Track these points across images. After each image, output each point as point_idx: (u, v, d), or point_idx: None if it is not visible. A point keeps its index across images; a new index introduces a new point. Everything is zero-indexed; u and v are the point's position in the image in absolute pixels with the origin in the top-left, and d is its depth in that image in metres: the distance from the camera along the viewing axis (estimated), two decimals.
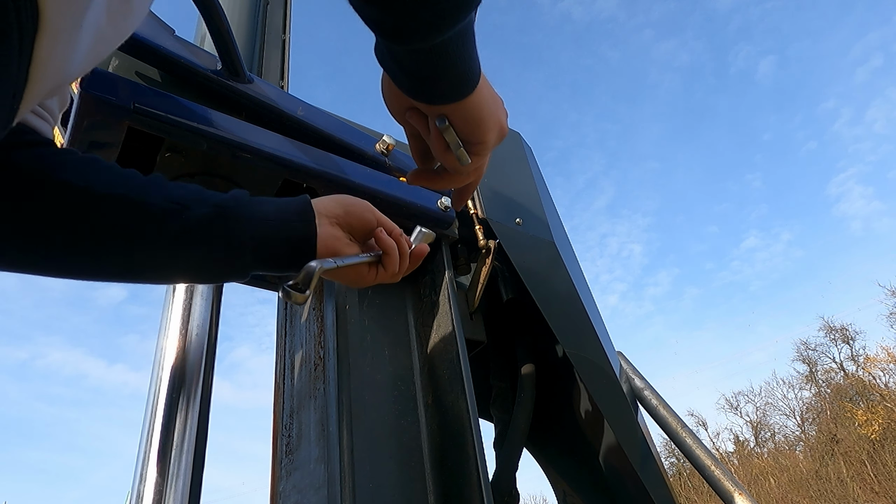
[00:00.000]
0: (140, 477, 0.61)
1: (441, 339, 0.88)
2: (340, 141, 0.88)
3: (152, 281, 0.56)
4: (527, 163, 1.25)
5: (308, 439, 0.76)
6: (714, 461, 1.05)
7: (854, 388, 22.08)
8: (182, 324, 0.72)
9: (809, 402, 24.22)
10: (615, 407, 1.03)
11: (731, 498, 1.00)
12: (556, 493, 1.25)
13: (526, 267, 1.00)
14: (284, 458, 0.80)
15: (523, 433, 0.98)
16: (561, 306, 1.04)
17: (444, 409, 0.82)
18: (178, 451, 0.63)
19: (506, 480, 0.95)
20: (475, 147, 0.52)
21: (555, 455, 1.22)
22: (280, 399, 0.86)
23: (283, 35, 1.23)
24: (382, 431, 0.77)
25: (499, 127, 0.54)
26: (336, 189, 0.82)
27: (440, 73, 0.46)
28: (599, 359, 1.05)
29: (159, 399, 0.66)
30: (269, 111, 0.81)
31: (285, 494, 0.76)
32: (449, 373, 0.83)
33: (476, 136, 0.52)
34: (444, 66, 0.46)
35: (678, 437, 1.10)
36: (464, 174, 0.56)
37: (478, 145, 0.52)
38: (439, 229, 0.95)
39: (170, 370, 0.68)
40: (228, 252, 0.54)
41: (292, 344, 0.89)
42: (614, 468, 1.07)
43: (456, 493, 0.74)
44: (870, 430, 19.85)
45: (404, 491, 0.74)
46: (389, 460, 0.75)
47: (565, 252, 1.15)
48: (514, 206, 1.10)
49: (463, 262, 1.03)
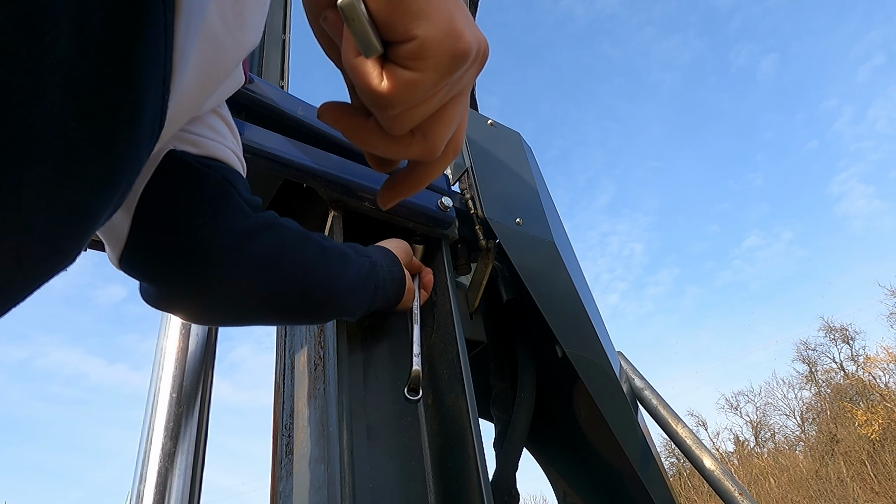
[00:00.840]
0: (140, 477, 0.61)
1: (441, 339, 0.88)
2: (340, 141, 0.88)
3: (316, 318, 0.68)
4: (527, 163, 1.25)
5: (308, 439, 0.76)
6: (714, 461, 1.05)
7: (854, 388, 22.08)
8: (182, 324, 0.72)
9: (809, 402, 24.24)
10: (615, 407, 1.03)
11: (731, 498, 1.00)
12: (556, 493, 1.25)
13: (526, 267, 1.00)
14: (284, 458, 0.80)
15: (523, 433, 0.98)
16: (561, 306, 1.04)
17: (444, 409, 0.82)
18: (178, 451, 0.63)
19: (506, 480, 0.95)
20: (403, 49, 0.30)
21: (555, 455, 1.22)
22: (280, 399, 0.86)
23: (283, 35, 1.23)
24: (382, 431, 0.77)
25: (445, 22, 0.31)
26: (336, 189, 0.82)
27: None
28: (599, 359, 1.05)
29: (159, 399, 0.66)
30: (269, 111, 0.81)
31: (285, 494, 0.76)
32: (449, 373, 0.83)
33: (398, 21, 0.30)
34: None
35: (678, 437, 1.10)
36: (394, 128, 0.34)
37: (407, 44, 0.30)
38: (439, 229, 0.95)
39: (170, 370, 0.68)
40: (376, 292, 0.71)
41: (292, 344, 0.89)
42: (614, 468, 1.07)
43: (456, 493, 0.74)
44: (870, 430, 19.85)
45: (404, 491, 0.74)
46: (389, 460, 0.75)
47: (565, 252, 1.15)
48: (514, 206, 1.10)
49: (463, 262, 1.03)
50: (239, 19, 0.37)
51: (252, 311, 0.60)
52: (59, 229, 0.25)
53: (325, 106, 0.37)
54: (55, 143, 0.22)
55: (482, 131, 1.20)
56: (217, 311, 0.58)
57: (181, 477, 0.61)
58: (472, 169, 1.08)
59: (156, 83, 0.28)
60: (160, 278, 0.52)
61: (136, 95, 0.26)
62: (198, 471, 0.63)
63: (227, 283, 0.53)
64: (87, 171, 0.25)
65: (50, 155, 0.22)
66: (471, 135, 1.16)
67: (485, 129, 1.22)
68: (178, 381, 0.67)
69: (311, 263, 0.61)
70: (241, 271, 0.54)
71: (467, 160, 1.10)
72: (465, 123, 0.39)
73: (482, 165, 1.11)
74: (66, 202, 0.24)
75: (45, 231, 0.24)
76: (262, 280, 0.56)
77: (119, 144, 0.26)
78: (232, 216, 0.52)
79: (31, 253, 0.24)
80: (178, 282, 0.52)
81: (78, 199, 0.25)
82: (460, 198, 1.05)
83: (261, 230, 0.55)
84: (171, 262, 0.50)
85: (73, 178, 0.24)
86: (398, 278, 0.77)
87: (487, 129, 1.23)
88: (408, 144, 0.36)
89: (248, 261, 0.54)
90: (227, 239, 0.51)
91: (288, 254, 0.58)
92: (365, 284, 0.69)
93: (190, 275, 0.51)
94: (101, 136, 0.24)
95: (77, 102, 0.23)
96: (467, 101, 0.38)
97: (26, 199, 0.22)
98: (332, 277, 0.64)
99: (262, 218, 0.56)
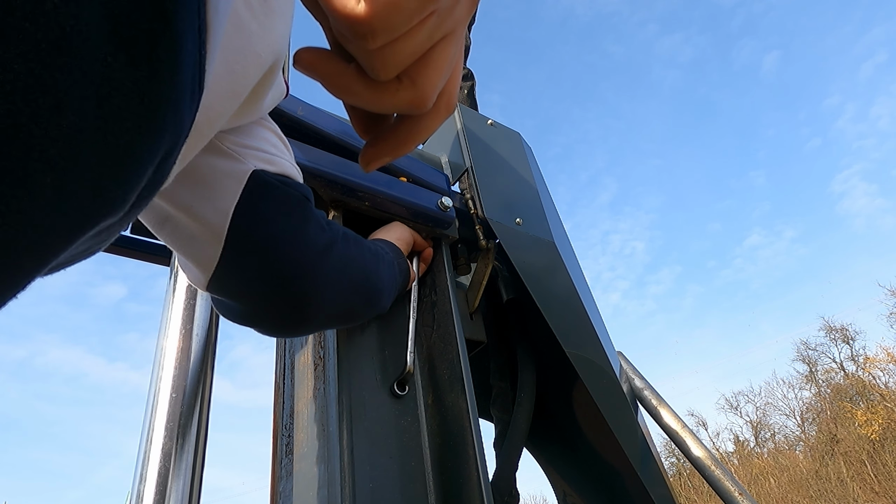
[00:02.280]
0: (140, 477, 0.61)
1: (441, 339, 0.88)
2: (340, 141, 0.88)
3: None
4: (527, 163, 1.25)
5: (308, 439, 0.76)
6: (714, 461, 1.05)
7: (854, 388, 22.08)
8: (182, 323, 0.72)
9: (809, 402, 24.23)
10: (615, 407, 1.03)
11: (731, 498, 1.00)
12: (556, 493, 1.25)
13: (526, 267, 1.00)
14: (284, 458, 0.80)
15: (523, 433, 0.98)
16: (561, 306, 1.04)
17: (444, 409, 0.82)
18: (178, 451, 0.63)
19: (506, 480, 0.95)
20: None
21: (555, 455, 1.22)
22: (280, 399, 0.86)
23: None
24: (382, 431, 0.77)
25: None
26: (336, 189, 0.82)
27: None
28: (599, 359, 1.05)
29: (159, 399, 0.66)
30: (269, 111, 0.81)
31: (285, 494, 0.76)
32: (449, 373, 0.83)
33: None
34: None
35: (678, 437, 1.10)
36: (378, 67, 0.30)
37: None
38: (439, 229, 0.95)
39: (170, 370, 0.68)
40: (395, 283, 0.76)
41: (292, 344, 0.89)
42: (614, 468, 1.07)
43: (456, 492, 0.74)
44: (870, 430, 19.85)
45: (404, 491, 0.74)
46: (389, 460, 0.75)
47: (565, 252, 1.15)
48: (514, 206, 1.10)
49: (463, 262, 1.03)
50: (264, 5, 0.37)
51: (328, 319, 0.63)
52: (102, 166, 0.23)
53: (301, 51, 0.32)
54: (95, 66, 0.21)
55: (482, 131, 1.20)
56: (302, 323, 0.59)
57: (181, 477, 0.61)
58: (472, 169, 1.08)
59: (192, 30, 0.26)
60: (251, 297, 0.53)
61: (173, 33, 0.24)
62: (198, 471, 0.63)
63: (315, 297, 0.55)
64: (128, 107, 0.23)
65: (91, 77, 0.21)
66: (471, 135, 1.16)
67: (485, 129, 1.22)
68: (178, 381, 0.67)
69: (368, 267, 0.65)
70: (324, 284, 0.56)
71: (467, 160, 1.10)
72: (459, 74, 0.35)
73: (482, 165, 1.11)
74: (109, 137, 0.22)
75: (88, 165, 0.22)
76: (338, 289, 0.59)
77: (159, 83, 0.24)
78: (314, 232, 0.53)
79: (73, 187, 0.22)
80: (268, 299, 0.53)
81: (120, 137, 0.23)
82: (460, 198, 1.05)
83: (335, 242, 0.57)
84: (264, 281, 0.50)
85: (114, 110, 0.22)
86: (405, 269, 0.82)
87: (487, 129, 1.23)
88: (394, 91, 0.31)
89: (329, 272, 0.56)
90: (310, 254, 0.53)
91: (354, 261, 0.61)
92: (394, 278, 0.74)
93: (281, 292, 0.52)
94: (139, 67, 0.23)
95: (112, 23, 0.21)
96: (460, 45, 0.33)
97: (69, 122, 0.20)
98: (378, 277, 0.68)
99: (334, 230, 0.58)
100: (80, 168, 0.22)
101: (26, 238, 0.21)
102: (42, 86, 0.19)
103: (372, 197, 0.85)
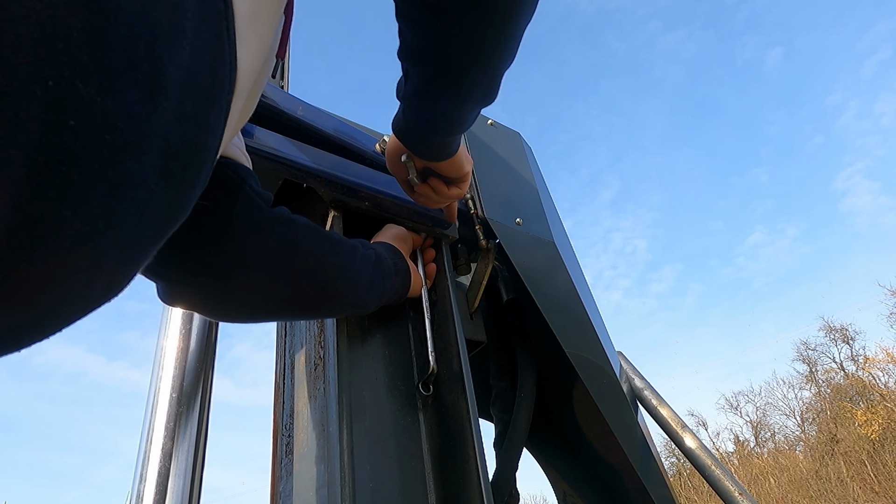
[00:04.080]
0: (140, 477, 0.61)
1: (441, 339, 0.88)
2: (340, 141, 0.88)
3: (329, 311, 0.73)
4: (527, 163, 1.25)
5: (308, 439, 0.76)
6: (714, 461, 1.05)
7: (854, 389, 22.08)
8: (182, 323, 0.72)
9: (809, 402, 24.23)
10: (615, 407, 1.03)
11: (731, 498, 1.00)
12: (556, 493, 1.25)
13: (526, 267, 1.00)
14: (284, 458, 0.80)
15: (523, 433, 0.98)
16: (561, 306, 1.04)
17: (444, 409, 0.82)
18: (178, 451, 0.63)
19: (506, 480, 0.95)
20: (461, 179, 0.78)
21: (555, 455, 1.22)
22: (280, 399, 0.86)
23: None
24: (382, 431, 0.77)
25: (465, 165, 0.77)
26: (336, 189, 0.82)
27: (447, 145, 0.70)
28: (599, 359, 1.05)
29: (159, 398, 0.66)
30: (269, 111, 0.81)
31: (285, 494, 0.76)
32: (449, 373, 0.83)
33: (461, 171, 0.76)
34: (451, 144, 0.71)
35: (678, 437, 1.10)
36: (433, 200, 0.80)
37: (462, 176, 0.78)
38: (439, 229, 0.95)
39: (170, 370, 0.68)
40: (384, 283, 0.75)
41: (292, 344, 0.89)
42: (614, 468, 1.07)
43: (456, 493, 0.74)
44: (870, 430, 19.85)
45: (404, 491, 0.74)
46: (389, 460, 0.75)
47: (565, 252, 1.15)
48: (514, 206, 1.10)
49: (463, 262, 1.03)
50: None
51: (268, 303, 0.61)
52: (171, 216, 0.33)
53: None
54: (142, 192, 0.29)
55: (483, 131, 1.20)
56: (233, 304, 0.59)
57: (181, 477, 0.61)
58: (473, 169, 1.08)
59: (222, 76, 0.32)
60: (177, 275, 0.53)
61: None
62: (198, 471, 0.63)
63: (243, 276, 0.55)
64: (173, 202, 0.33)
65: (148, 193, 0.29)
66: (471, 135, 1.16)
67: (485, 129, 1.22)
68: (178, 380, 0.67)
69: (327, 255, 0.63)
70: (257, 263, 0.55)
71: None
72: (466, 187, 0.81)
73: (482, 165, 1.11)
74: (172, 206, 0.33)
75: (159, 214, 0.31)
76: (280, 272, 0.58)
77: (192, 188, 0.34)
78: (246, 211, 0.53)
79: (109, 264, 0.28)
80: (194, 278, 0.53)
81: (178, 204, 0.33)
82: None
83: (275, 223, 0.57)
84: (188, 258, 0.51)
85: (168, 205, 0.32)
86: (403, 270, 0.81)
87: (487, 129, 1.23)
88: (439, 201, 0.80)
89: (264, 252, 0.56)
90: (241, 232, 0.53)
91: (304, 246, 0.60)
92: (374, 275, 0.72)
93: (206, 270, 0.52)
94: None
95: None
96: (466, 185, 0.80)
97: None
98: (345, 269, 0.66)
99: (276, 212, 0.58)
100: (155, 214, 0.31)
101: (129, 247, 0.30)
102: None
103: (372, 197, 0.85)
